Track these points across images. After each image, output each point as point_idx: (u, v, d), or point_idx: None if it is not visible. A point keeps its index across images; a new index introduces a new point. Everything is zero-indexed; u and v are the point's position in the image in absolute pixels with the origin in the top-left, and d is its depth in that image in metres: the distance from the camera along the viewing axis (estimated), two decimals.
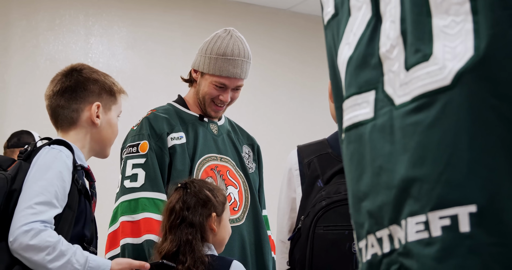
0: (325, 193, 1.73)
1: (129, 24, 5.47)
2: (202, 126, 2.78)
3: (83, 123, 2.11)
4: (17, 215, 1.81)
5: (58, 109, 2.12)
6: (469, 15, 0.91)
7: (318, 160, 1.86)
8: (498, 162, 0.87)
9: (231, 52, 2.72)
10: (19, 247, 1.77)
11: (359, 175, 1.05)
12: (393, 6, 1.01)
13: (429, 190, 0.91)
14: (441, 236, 0.89)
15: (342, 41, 1.11)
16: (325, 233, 1.68)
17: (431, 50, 0.94)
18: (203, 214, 2.17)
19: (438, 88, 0.91)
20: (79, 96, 2.11)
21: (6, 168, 1.93)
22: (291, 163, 1.93)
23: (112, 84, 2.20)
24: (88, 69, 2.18)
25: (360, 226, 1.06)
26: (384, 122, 1.00)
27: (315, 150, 1.91)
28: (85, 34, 5.31)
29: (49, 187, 1.87)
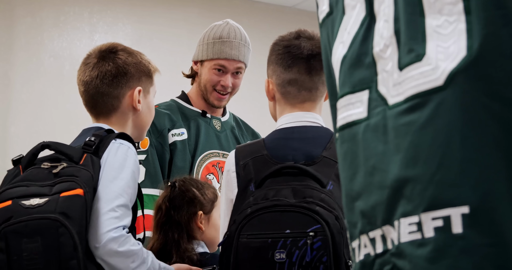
0: (252, 200, 1.71)
1: (134, 21, 5.47)
2: (205, 122, 2.78)
3: (125, 109, 2.01)
4: (100, 217, 1.72)
5: (97, 96, 1.99)
6: (462, 15, 0.90)
7: (253, 162, 1.82)
8: (490, 161, 0.87)
9: (227, 35, 2.74)
10: (106, 253, 1.70)
11: (352, 175, 1.05)
12: (386, 5, 1.01)
13: (422, 191, 0.90)
14: (434, 237, 0.89)
15: (336, 39, 1.11)
16: (248, 241, 1.66)
17: (424, 50, 0.94)
18: (189, 213, 2.16)
19: (431, 89, 0.91)
20: (121, 82, 1.99)
21: (78, 161, 1.79)
22: (229, 164, 1.88)
23: (149, 64, 2.09)
24: (123, 50, 2.06)
25: (353, 226, 1.06)
26: (378, 122, 1.00)
27: (251, 151, 1.86)
28: (89, 31, 5.31)
29: (127, 189, 1.80)
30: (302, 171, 1.75)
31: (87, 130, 1.97)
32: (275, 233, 1.64)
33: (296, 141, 1.85)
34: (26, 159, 1.84)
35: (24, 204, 1.69)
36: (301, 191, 1.70)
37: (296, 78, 1.92)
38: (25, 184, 1.74)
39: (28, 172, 1.79)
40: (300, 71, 1.92)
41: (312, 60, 1.93)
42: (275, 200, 1.68)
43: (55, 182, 1.73)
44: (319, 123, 1.93)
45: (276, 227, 1.65)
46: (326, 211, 1.65)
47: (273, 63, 1.99)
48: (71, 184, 1.71)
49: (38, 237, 1.65)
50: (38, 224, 1.66)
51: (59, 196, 1.69)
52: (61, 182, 1.72)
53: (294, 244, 1.62)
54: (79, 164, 1.77)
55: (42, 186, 1.73)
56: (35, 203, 1.68)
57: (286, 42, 1.98)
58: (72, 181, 1.71)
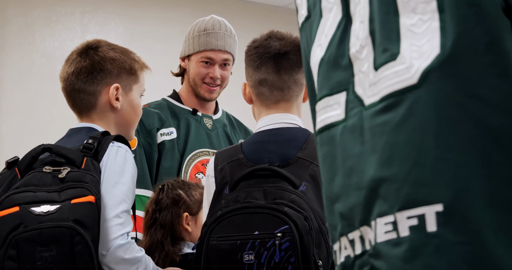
0: (224, 202, 1.71)
1: (126, 21, 5.46)
2: (195, 120, 2.76)
3: (103, 107, 1.95)
4: (106, 224, 1.69)
5: (74, 93, 1.95)
6: (435, 13, 0.90)
7: (229, 166, 1.82)
8: (464, 159, 0.86)
9: (212, 26, 2.74)
10: (113, 260, 1.69)
11: (332, 177, 1.05)
12: (362, 6, 1.01)
13: (397, 190, 0.90)
14: (409, 236, 0.89)
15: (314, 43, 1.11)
16: (218, 243, 1.66)
17: (398, 49, 0.93)
18: (174, 214, 2.16)
19: (405, 87, 0.91)
20: (96, 78, 1.93)
21: (80, 165, 1.74)
22: (209, 169, 1.89)
23: (133, 61, 2.01)
24: (105, 46, 1.99)
25: (333, 228, 1.06)
26: (355, 123, 1.00)
27: (228, 155, 1.87)
28: (81, 31, 5.31)
29: (129, 194, 1.77)
30: (275, 173, 1.74)
31: (76, 130, 1.93)
32: (244, 235, 1.65)
33: (272, 143, 1.85)
34: (25, 162, 1.78)
35: (34, 211, 1.64)
36: (272, 192, 1.70)
37: (265, 77, 1.93)
38: (31, 189, 1.69)
39: (30, 176, 1.74)
40: (268, 71, 1.92)
41: (280, 59, 1.93)
42: (245, 202, 1.68)
43: (63, 187, 1.68)
44: (296, 124, 1.92)
45: (245, 229, 1.65)
46: (295, 212, 1.65)
47: (246, 65, 2.01)
48: (82, 191, 1.67)
49: (53, 246, 1.61)
50: (53, 232, 1.62)
51: (70, 202, 1.65)
52: (70, 188, 1.68)
53: (263, 245, 1.62)
54: (81, 169, 1.73)
55: (49, 191, 1.68)
56: (46, 210, 1.64)
57: (257, 43, 2.00)
58: (82, 187, 1.68)
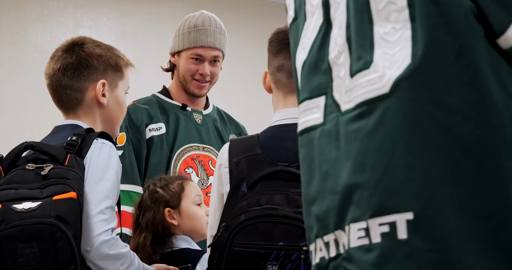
0: (245, 204, 1.68)
1: (119, 16, 5.46)
2: (185, 115, 2.76)
3: (89, 103, 1.93)
4: (90, 220, 1.69)
5: (60, 89, 1.92)
6: (407, 22, 0.92)
7: (246, 161, 1.77)
8: (433, 168, 0.88)
9: (202, 23, 2.73)
10: (98, 256, 1.68)
11: (309, 179, 1.06)
12: (340, 12, 1.02)
13: (369, 197, 0.92)
14: (380, 242, 0.91)
15: (299, 45, 1.12)
16: (240, 250, 1.63)
17: (372, 57, 0.95)
18: (156, 213, 2.17)
19: (378, 96, 0.93)
20: (82, 74, 1.91)
21: (63, 162, 1.73)
22: (222, 159, 1.83)
23: (118, 57, 1.99)
24: (90, 42, 1.98)
25: (310, 230, 1.08)
26: (331, 127, 1.01)
27: (245, 148, 1.81)
28: (74, 25, 5.29)
29: (113, 190, 1.76)
30: (295, 176, 1.69)
31: (61, 128, 1.92)
32: (268, 245, 1.61)
33: (290, 141, 1.77)
34: (8, 160, 1.78)
35: (16, 208, 1.64)
36: (295, 199, 1.66)
37: (283, 64, 1.87)
38: (14, 187, 1.69)
39: (13, 174, 1.74)
40: (286, 57, 1.87)
41: None
42: (268, 209, 1.65)
43: (45, 184, 1.68)
44: None
45: (269, 239, 1.62)
46: None
47: (268, 52, 1.95)
48: (64, 187, 1.67)
49: (34, 242, 1.61)
50: (34, 229, 1.62)
51: (51, 199, 1.65)
52: (52, 184, 1.68)
53: (287, 257, 1.60)
54: (64, 165, 1.73)
55: (31, 188, 1.68)
56: (28, 207, 1.64)
57: (279, 30, 1.94)
58: (64, 184, 1.67)
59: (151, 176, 2.50)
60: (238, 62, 5.62)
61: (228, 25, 2.88)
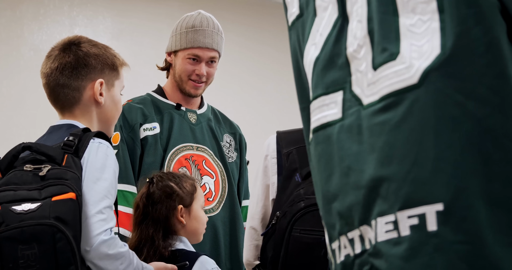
0: (303, 192, 1.68)
1: (114, 14, 5.45)
2: (179, 115, 2.75)
3: (86, 102, 1.94)
4: (88, 220, 1.69)
5: (57, 88, 1.93)
6: (435, 13, 0.91)
7: (297, 152, 1.78)
8: (463, 159, 0.87)
9: (200, 23, 2.72)
10: (97, 256, 1.69)
11: (328, 176, 1.05)
12: (359, 5, 1.01)
13: (397, 189, 0.91)
14: (410, 235, 0.89)
15: (308, 41, 1.11)
16: (301, 236, 1.64)
17: (398, 49, 0.94)
18: (168, 207, 2.15)
19: (406, 87, 0.91)
20: (80, 73, 1.92)
21: (61, 162, 1.74)
22: (269, 150, 1.85)
23: (114, 57, 2.01)
24: (87, 42, 1.99)
25: (331, 227, 1.06)
26: (352, 122, 1.00)
27: (295, 140, 1.82)
28: (69, 24, 5.28)
29: (111, 190, 1.77)
30: None
31: (57, 127, 1.92)
32: None
33: None
34: (5, 161, 1.78)
35: (15, 209, 1.64)
36: None
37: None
38: (12, 188, 1.69)
39: (11, 175, 1.73)
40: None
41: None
42: None
43: (43, 185, 1.68)
44: None
45: None
46: None
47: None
48: (62, 188, 1.67)
49: (34, 244, 1.62)
50: (34, 230, 1.62)
51: (50, 200, 1.65)
52: (50, 185, 1.68)
53: None
54: (62, 166, 1.73)
55: (30, 189, 1.68)
56: (27, 208, 1.64)
57: None
58: (63, 185, 1.68)
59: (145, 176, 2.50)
60: (235, 61, 5.62)
61: (225, 24, 2.88)
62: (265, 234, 1.70)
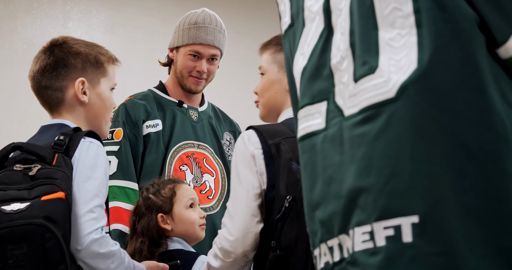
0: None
1: (108, 8, 5.44)
2: (181, 112, 2.75)
3: (71, 102, 1.92)
4: (79, 219, 1.69)
5: (41, 90, 1.93)
6: (413, 28, 0.93)
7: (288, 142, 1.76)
8: (439, 172, 0.89)
9: (203, 20, 2.73)
10: (88, 255, 1.69)
11: (312, 184, 1.07)
12: (343, 18, 1.03)
13: (374, 200, 0.93)
14: (385, 246, 0.91)
15: (297, 51, 1.12)
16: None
17: (377, 62, 0.95)
18: (149, 219, 2.20)
19: (384, 101, 0.93)
20: (61, 74, 1.91)
21: (51, 162, 1.73)
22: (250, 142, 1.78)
23: (98, 54, 1.96)
24: (70, 41, 1.96)
25: (314, 235, 1.08)
26: (335, 132, 1.02)
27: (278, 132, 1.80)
28: (63, 18, 5.28)
29: (102, 188, 1.77)
30: None
31: (48, 127, 1.92)
32: None
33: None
34: None
35: (4, 209, 1.63)
36: None
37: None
38: (2, 188, 1.69)
39: (1, 175, 1.73)
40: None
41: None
42: None
43: (33, 185, 1.68)
44: None
45: None
46: None
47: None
48: (52, 187, 1.67)
49: (23, 243, 1.62)
50: (23, 230, 1.62)
51: (40, 199, 1.65)
52: (40, 185, 1.68)
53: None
54: (52, 165, 1.73)
55: (19, 189, 1.68)
56: (16, 208, 1.63)
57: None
58: (52, 184, 1.68)
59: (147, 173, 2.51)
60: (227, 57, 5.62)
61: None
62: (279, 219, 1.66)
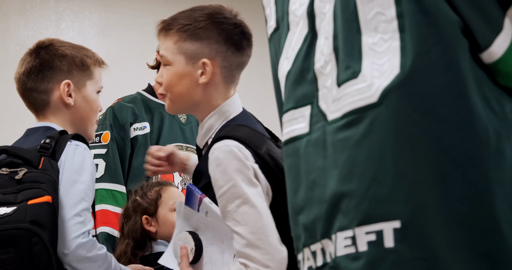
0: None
1: (101, 9, 5.44)
2: (169, 114, 2.74)
3: (56, 104, 1.92)
4: (66, 223, 1.68)
5: (27, 92, 1.94)
6: (396, 33, 0.92)
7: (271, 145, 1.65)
8: (421, 177, 0.89)
9: None
10: (76, 259, 1.68)
11: (296, 189, 1.06)
12: (327, 22, 1.02)
13: (356, 205, 0.93)
14: (367, 251, 0.91)
15: (282, 55, 1.12)
16: None
17: (360, 67, 0.95)
18: (135, 221, 2.21)
19: (366, 105, 0.93)
20: (46, 76, 1.91)
21: (37, 165, 1.73)
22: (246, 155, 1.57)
23: (85, 56, 1.96)
24: (56, 43, 1.97)
25: (297, 239, 1.08)
26: (318, 137, 1.01)
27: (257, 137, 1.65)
28: (56, 19, 5.28)
29: (88, 192, 1.76)
30: None
31: (34, 130, 1.92)
32: None
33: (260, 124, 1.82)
34: None
35: None
36: None
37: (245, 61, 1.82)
38: None
39: None
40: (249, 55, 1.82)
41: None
42: None
43: (19, 189, 1.68)
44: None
45: None
46: None
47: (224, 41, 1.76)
48: (38, 191, 1.67)
49: (10, 248, 1.61)
50: (10, 234, 1.62)
51: (26, 204, 1.65)
52: (26, 189, 1.68)
53: None
54: (38, 169, 1.72)
55: (5, 193, 1.68)
56: (3, 213, 1.63)
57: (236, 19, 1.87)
58: (39, 188, 1.67)
59: (135, 176, 2.51)
60: None
61: None
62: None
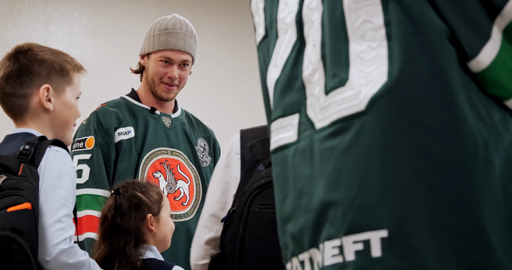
0: (264, 174, 1.62)
1: (90, 11, 5.42)
2: (154, 119, 2.75)
3: (35, 110, 1.91)
4: (47, 230, 1.68)
5: (5, 97, 1.92)
6: (384, 41, 0.92)
7: (261, 144, 1.73)
8: (408, 186, 0.88)
9: (173, 26, 2.73)
10: (57, 266, 1.67)
11: (284, 197, 1.06)
12: (315, 30, 1.02)
13: (343, 214, 0.92)
14: (354, 260, 0.90)
15: (271, 63, 1.12)
16: (260, 211, 1.56)
17: (347, 75, 0.95)
18: (138, 217, 2.14)
19: (353, 114, 0.93)
20: (25, 81, 1.89)
21: (16, 172, 1.72)
22: (232, 146, 1.77)
23: (64, 62, 1.96)
24: (36, 48, 1.96)
25: (285, 248, 1.07)
26: (306, 145, 1.01)
27: (258, 134, 1.78)
28: (44, 21, 5.25)
29: (69, 198, 1.75)
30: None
31: (13, 136, 1.90)
32: None
33: None
34: None
35: None
36: None
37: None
38: None
39: None
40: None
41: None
42: None
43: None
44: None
45: None
46: None
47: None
48: (18, 198, 1.66)
49: None
50: None
51: (6, 211, 1.64)
52: (6, 196, 1.66)
53: None
54: (18, 176, 1.71)
55: None
56: None
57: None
58: (18, 195, 1.66)
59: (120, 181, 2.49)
60: (210, 60, 5.61)
61: (200, 22, 2.88)
62: (225, 220, 1.63)
